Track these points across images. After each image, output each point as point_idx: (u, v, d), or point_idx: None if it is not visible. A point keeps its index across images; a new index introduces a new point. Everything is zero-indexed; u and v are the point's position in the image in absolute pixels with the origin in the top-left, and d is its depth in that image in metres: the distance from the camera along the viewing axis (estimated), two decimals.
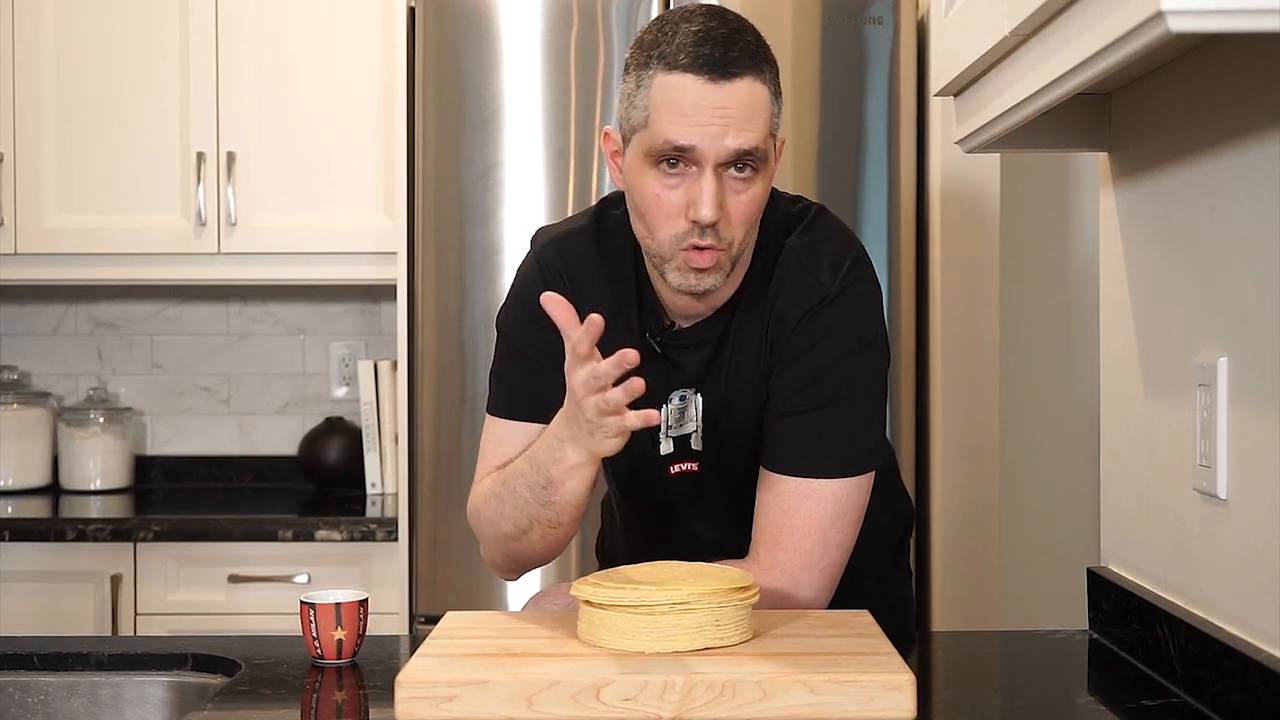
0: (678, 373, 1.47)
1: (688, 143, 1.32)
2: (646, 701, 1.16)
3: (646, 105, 1.34)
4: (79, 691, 1.45)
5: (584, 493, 1.37)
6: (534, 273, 1.50)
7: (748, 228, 1.37)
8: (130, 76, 2.75)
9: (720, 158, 1.32)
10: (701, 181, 1.32)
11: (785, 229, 1.46)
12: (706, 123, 1.31)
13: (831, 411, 1.41)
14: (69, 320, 3.11)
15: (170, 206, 2.75)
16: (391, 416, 2.83)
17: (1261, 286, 1.17)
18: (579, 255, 1.49)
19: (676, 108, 1.32)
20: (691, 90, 1.31)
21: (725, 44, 1.32)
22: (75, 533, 2.55)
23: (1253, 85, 1.19)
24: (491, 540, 1.49)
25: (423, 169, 2.46)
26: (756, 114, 1.33)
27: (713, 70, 1.31)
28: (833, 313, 1.41)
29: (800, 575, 1.40)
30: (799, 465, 1.40)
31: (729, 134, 1.31)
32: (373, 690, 1.33)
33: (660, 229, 1.36)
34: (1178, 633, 1.30)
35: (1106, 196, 1.57)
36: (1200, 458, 1.28)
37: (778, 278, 1.44)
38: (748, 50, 1.34)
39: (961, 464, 2.44)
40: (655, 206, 1.35)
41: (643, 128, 1.35)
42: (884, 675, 1.17)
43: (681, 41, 1.33)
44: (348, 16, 2.74)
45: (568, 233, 1.52)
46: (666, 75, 1.33)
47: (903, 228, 2.42)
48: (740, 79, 1.32)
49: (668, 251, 1.37)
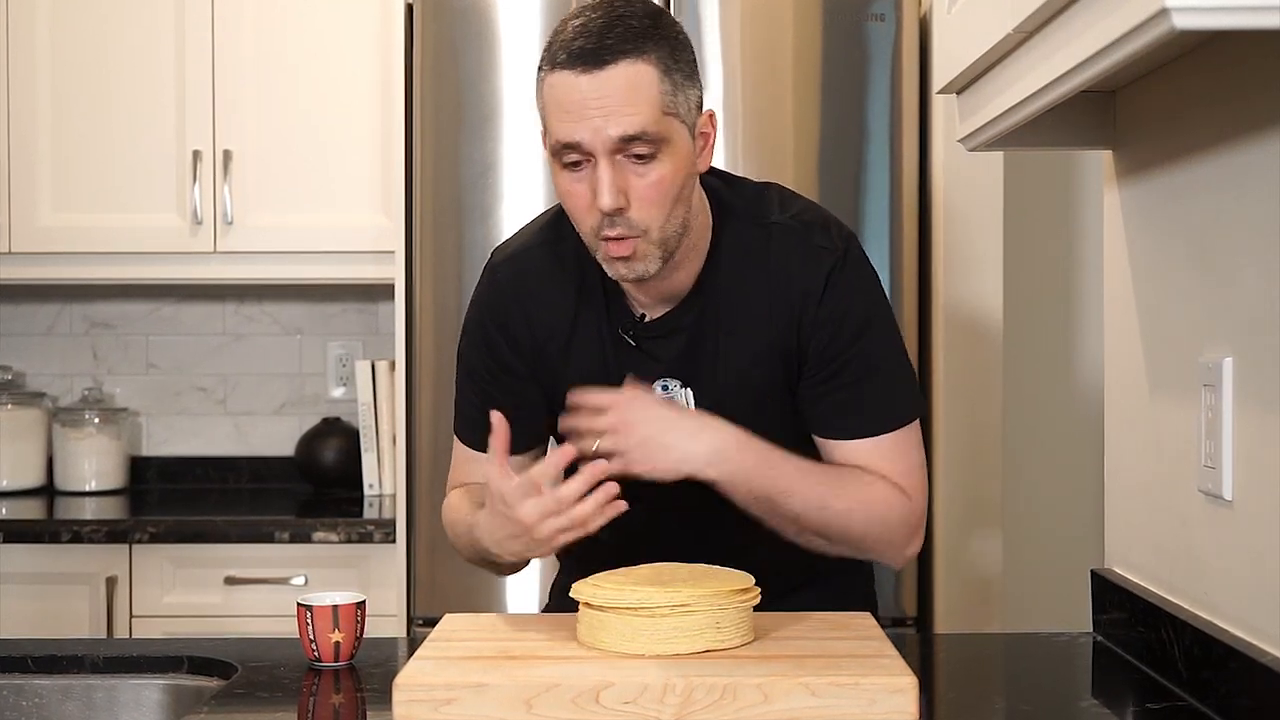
0: (655, 364, 1.48)
1: (573, 139, 1.34)
2: (646, 704, 1.15)
3: (543, 107, 1.39)
4: (74, 695, 1.45)
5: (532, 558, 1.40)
6: (492, 292, 1.53)
7: (662, 209, 1.37)
8: (125, 74, 2.74)
9: (608, 146, 1.34)
10: (598, 172, 1.35)
11: (755, 210, 1.48)
12: (586, 115, 1.33)
13: (879, 365, 1.46)
14: (64, 320, 3.10)
15: (166, 205, 2.74)
16: (389, 417, 2.82)
17: (1267, 286, 1.17)
18: (534, 270, 1.51)
19: (560, 106, 1.35)
20: (568, 86, 1.34)
21: (600, 33, 1.34)
22: (70, 534, 2.54)
23: (1258, 82, 1.19)
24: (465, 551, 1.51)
25: (421, 167, 2.45)
26: (637, 96, 1.33)
27: (585, 62, 1.33)
28: (850, 270, 1.46)
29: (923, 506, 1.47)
30: (878, 423, 1.45)
31: (610, 122, 1.33)
32: (370, 693, 1.32)
33: (581, 224, 1.40)
34: (1182, 635, 1.29)
35: (1111, 195, 1.57)
36: (1205, 458, 1.28)
37: (775, 257, 1.45)
38: (626, 34, 1.34)
39: (964, 464, 2.43)
40: (570, 203, 1.39)
41: (545, 131, 1.40)
42: (886, 678, 1.16)
43: (563, 39, 1.36)
44: (345, 14, 2.73)
45: (520, 249, 1.53)
46: (550, 75, 1.36)
47: (905, 226, 2.41)
48: (614, 65, 1.33)
49: (593, 244, 1.40)
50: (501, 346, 1.50)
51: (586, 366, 1.48)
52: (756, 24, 2.40)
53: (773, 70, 2.40)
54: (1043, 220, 2.86)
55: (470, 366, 1.55)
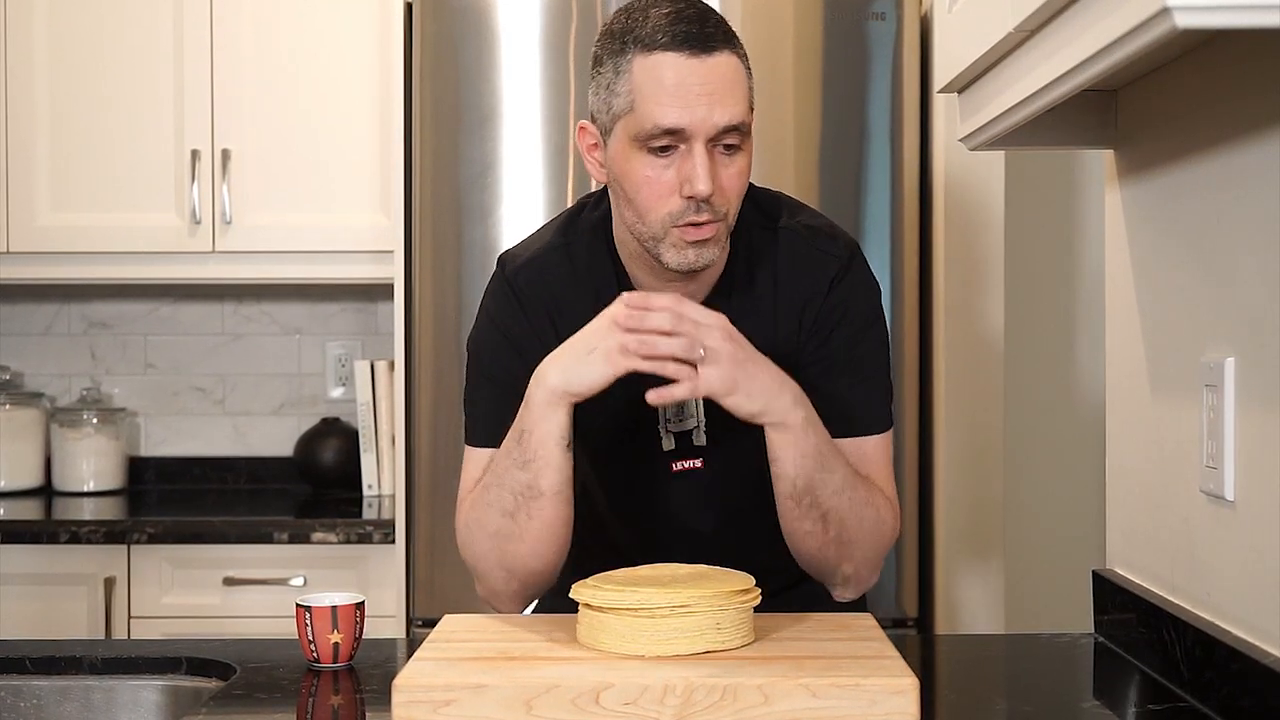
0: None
1: (679, 123, 1.33)
2: (646, 706, 1.14)
3: (630, 90, 1.35)
4: (72, 696, 1.44)
5: (555, 445, 1.35)
6: (512, 301, 1.49)
7: (739, 199, 1.39)
8: (124, 72, 2.74)
9: (710, 133, 1.33)
10: (694, 158, 1.33)
11: (765, 214, 1.49)
12: (694, 100, 1.32)
13: (871, 370, 1.48)
14: (62, 320, 3.10)
15: (164, 205, 2.74)
16: (388, 417, 2.82)
17: (1269, 285, 1.16)
18: (557, 274, 1.48)
19: (661, 87, 1.33)
20: (675, 67, 1.33)
21: (700, 21, 1.35)
22: (68, 535, 2.53)
23: (1260, 81, 1.18)
24: (486, 552, 1.43)
25: (420, 167, 2.44)
26: (738, 88, 1.35)
27: (694, 46, 1.33)
28: (852, 278, 1.47)
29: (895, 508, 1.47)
30: (867, 424, 1.46)
31: (716, 109, 1.33)
32: (369, 694, 1.32)
33: (652, 211, 1.37)
34: (1184, 636, 1.29)
35: (1112, 194, 1.56)
36: (1207, 459, 1.27)
37: (783, 260, 1.46)
38: (721, 26, 1.36)
39: (965, 465, 2.42)
40: (648, 189, 1.36)
41: (627, 113, 1.36)
42: (887, 679, 1.16)
43: (657, 23, 1.34)
44: (344, 12, 2.73)
45: (540, 253, 1.50)
46: (647, 57, 1.34)
47: (906, 226, 2.41)
48: (719, 53, 1.34)
49: (660, 231, 1.37)
50: (525, 352, 1.45)
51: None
52: (757, 22, 2.40)
53: (773, 69, 2.39)
54: (1044, 219, 2.86)
55: (489, 373, 1.49)
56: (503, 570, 1.43)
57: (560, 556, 1.43)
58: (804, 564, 1.46)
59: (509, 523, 1.40)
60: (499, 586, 1.45)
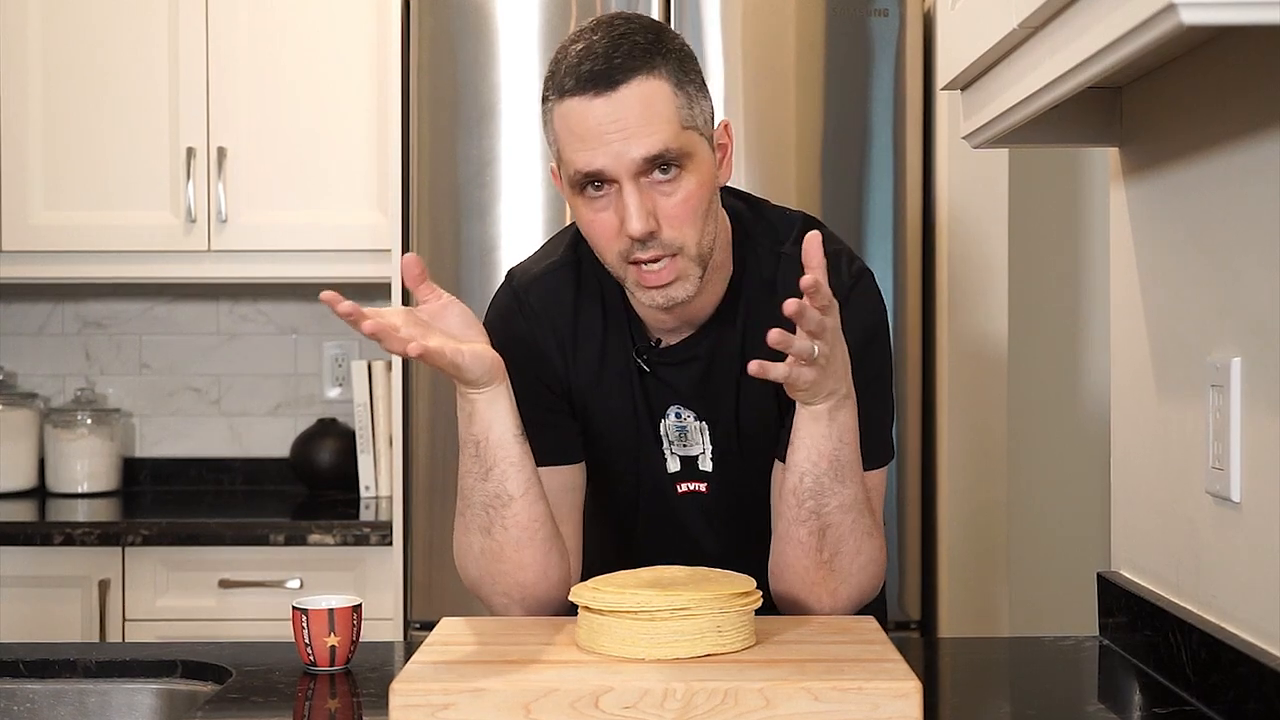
0: (669, 390, 1.45)
1: (594, 167, 1.30)
2: (646, 710, 1.13)
3: (555, 139, 1.35)
4: (66, 699, 1.43)
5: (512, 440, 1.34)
6: (516, 320, 1.47)
7: (694, 226, 1.34)
8: (118, 70, 2.72)
9: (631, 169, 1.30)
10: (624, 198, 1.31)
11: (775, 236, 1.45)
12: (605, 141, 1.29)
13: (877, 405, 1.41)
14: (56, 319, 3.08)
15: (159, 203, 2.72)
16: (386, 418, 2.81)
17: (1276, 285, 1.16)
18: (566, 293, 1.47)
19: (574, 134, 1.31)
20: (581, 112, 1.30)
21: (606, 55, 1.31)
22: (62, 537, 2.52)
23: (1266, 78, 1.18)
24: (478, 578, 1.43)
25: (418, 164, 2.43)
26: (654, 114, 1.30)
27: (596, 85, 1.30)
28: (854, 305, 1.40)
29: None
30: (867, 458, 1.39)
31: (631, 144, 1.29)
32: (366, 698, 1.31)
33: (606, 252, 1.35)
34: (1190, 639, 1.28)
35: (1117, 193, 1.55)
36: (1213, 460, 1.26)
37: (785, 284, 1.41)
38: (633, 52, 1.31)
39: (969, 466, 2.41)
40: (594, 231, 1.35)
41: (560, 161, 1.36)
42: (890, 682, 1.15)
43: (567, 65, 1.32)
44: (341, 9, 2.72)
45: (549, 270, 1.48)
46: (560, 104, 1.32)
47: (909, 224, 2.40)
48: (626, 84, 1.30)
49: (620, 271, 1.36)
50: (536, 367, 1.44)
51: (616, 387, 1.45)
52: (759, 19, 2.38)
53: (775, 66, 2.38)
54: (1048, 219, 2.85)
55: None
56: (502, 596, 1.42)
57: (548, 560, 1.40)
58: (785, 587, 1.39)
59: (488, 540, 1.39)
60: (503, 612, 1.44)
